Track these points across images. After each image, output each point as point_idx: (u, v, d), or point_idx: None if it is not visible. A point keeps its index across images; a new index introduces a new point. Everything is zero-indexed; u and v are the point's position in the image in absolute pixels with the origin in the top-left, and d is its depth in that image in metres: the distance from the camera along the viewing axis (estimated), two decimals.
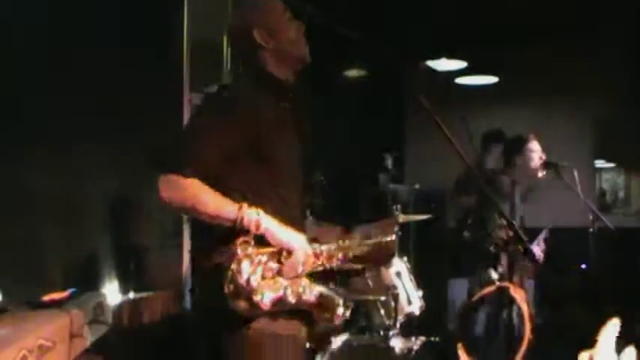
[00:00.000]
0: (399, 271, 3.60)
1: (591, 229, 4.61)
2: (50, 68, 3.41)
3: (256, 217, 2.04)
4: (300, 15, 2.39)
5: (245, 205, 2.05)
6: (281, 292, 2.02)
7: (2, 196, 3.23)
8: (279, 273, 2.05)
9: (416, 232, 5.60)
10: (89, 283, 3.52)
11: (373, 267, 3.57)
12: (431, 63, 6.48)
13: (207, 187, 2.05)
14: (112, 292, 3.64)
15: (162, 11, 4.16)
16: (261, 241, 2.05)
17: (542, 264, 4.46)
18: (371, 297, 3.47)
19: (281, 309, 2.03)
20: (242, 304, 1.97)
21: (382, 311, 3.46)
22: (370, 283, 3.53)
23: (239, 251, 1.99)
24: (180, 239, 4.25)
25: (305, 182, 2.33)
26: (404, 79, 6.72)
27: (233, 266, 1.97)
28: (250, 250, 2.01)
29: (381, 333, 3.45)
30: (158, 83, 4.05)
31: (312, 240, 2.22)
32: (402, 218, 3.80)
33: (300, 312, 2.11)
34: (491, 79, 6.93)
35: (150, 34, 3.96)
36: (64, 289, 3.00)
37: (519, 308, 3.76)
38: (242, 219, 2.02)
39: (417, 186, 5.92)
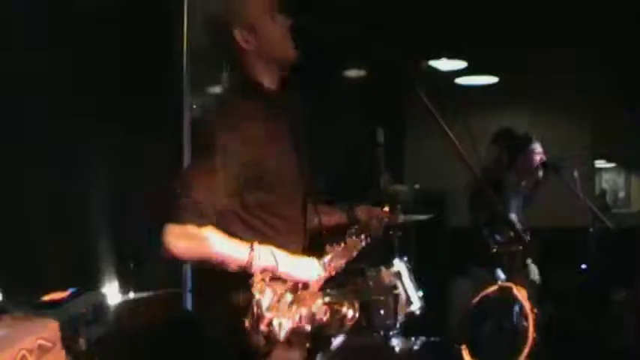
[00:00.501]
0: (399, 271, 3.60)
1: (591, 229, 4.61)
2: (50, 68, 3.41)
3: (269, 255, 2.02)
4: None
5: (256, 244, 2.01)
6: (297, 321, 2.02)
7: (2, 196, 3.23)
8: (296, 300, 2.04)
9: (416, 232, 5.59)
10: (89, 283, 3.51)
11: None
12: (431, 63, 6.49)
13: (218, 233, 2.00)
14: (112, 292, 3.64)
15: (162, 11, 4.16)
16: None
17: (542, 264, 4.46)
18: (371, 297, 3.47)
19: (297, 337, 2.04)
20: (260, 339, 1.96)
21: (382, 311, 3.46)
22: (370, 283, 3.53)
23: (255, 288, 1.96)
24: None
25: (305, 191, 2.29)
26: (404, 79, 6.72)
27: (252, 303, 1.94)
28: (266, 289, 1.99)
29: (381, 333, 3.45)
30: (158, 83, 4.05)
31: (319, 255, 2.21)
32: (402, 218, 3.80)
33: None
34: (491, 79, 6.93)
35: (150, 34, 3.95)
36: (64, 289, 2.99)
37: (522, 308, 3.76)
38: (253, 261, 1.99)
39: (417, 186, 5.91)
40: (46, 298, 2.86)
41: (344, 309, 2.13)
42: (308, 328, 2.05)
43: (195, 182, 2.01)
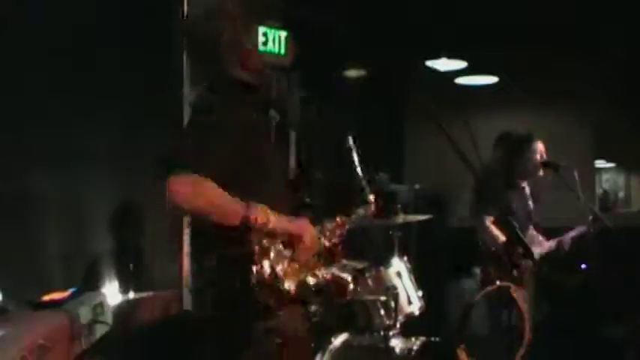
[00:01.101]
0: (399, 271, 3.60)
1: (591, 229, 4.61)
2: (50, 68, 3.41)
3: (265, 213, 2.09)
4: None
5: (252, 203, 2.09)
6: (302, 277, 2.10)
7: (2, 197, 3.24)
8: (295, 258, 2.10)
9: (416, 232, 5.60)
10: (89, 283, 3.52)
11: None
12: (431, 63, 6.49)
13: (217, 186, 2.06)
14: (112, 292, 3.64)
15: (163, 11, 4.16)
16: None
17: (543, 265, 4.47)
18: (371, 297, 3.46)
19: (303, 293, 2.10)
20: (268, 294, 2.03)
21: (382, 311, 3.46)
22: (370, 283, 3.52)
23: (256, 245, 2.03)
24: (180, 239, 4.25)
25: (290, 182, 2.36)
26: (404, 79, 6.73)
27: (256, 259, 2.02)
28: (265, 242, 2.06)
29: (381, 333, 3.44)
30: (158, 83, 4.05)
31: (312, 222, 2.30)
32: (402, 218, 3.80)
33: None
34: (491, 79, 6.93)
35: (150, 34, 3.96)
36: (64, 289, 2.99)
37: (519, 308, 3.77)
38: (251, 216, 2.06)
39: (417, 186, 5.92)
40: (46, 298, 2.87)
41: (345, 280, 2.21)
42: (312, 281, 2.10)
43: (196, 140, 2.12)
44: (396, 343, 3.42)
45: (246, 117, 2.21)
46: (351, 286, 2.26)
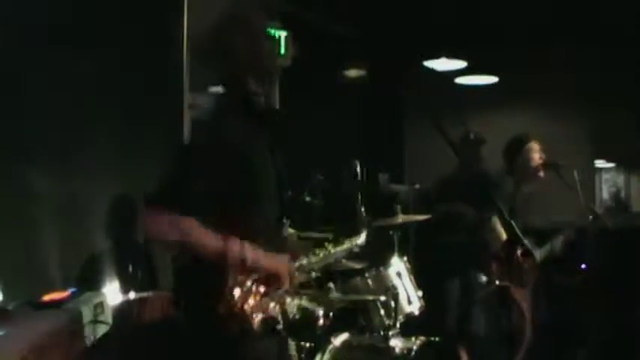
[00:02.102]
0: (399, 271, 3.60)
1: (591, 229, 4.61)
2: (50, 68, 3.41)
3: (243, 248, 2.08)
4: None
5: (231, 239, 2.08)
6: (269, 312, 2.11)
7: (2, 197, 3.24)
8: (268, 294, 2.10)
9: (416, 232, 5.60)
10: (89, 283, 3.52)
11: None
12: (431, 63, 6.49)
13: (197, 223, 2.06)
14: (112, 292, 3.64)
15: (163, 11, 4.16)
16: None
17: (543, 265, 4.46)
18: (371, 297, 3.46)
19: (269, 327, 2.11)
20: (234, 326, 2.04)
21: (382, 311, 3.46)
22: (370, 283, 3.52)
23: (230, 278, 2.05)
24: None
25: (280, 197, 2.35)
26: (404, 79, 6.73)
27: (226, 292, 2.03)
28: (240, 277, 2.07)
29: (381, 333, 3.44)
30: (158, 83, 4.05)
31: (292, 257, 2.29)
32: (402, 218, 3.80)
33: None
34: (491, 79, 6.93)
35: (150, 34, 3.96)
36: (64, 289, 3.00)
37: (519, 308, 3.77)
38: (228, 254, 2.06)
39: (417, 186, 5.92)
40: (46, 298, 2.87)
41: (315, 315, 2.20)
42: (279, 318, 2.12)
43: (175, 176, 2.11)
44: (396, 343, 3.42)
45: (245, 138, 2.19)
46: (321, 320, 2.25)
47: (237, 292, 2.05)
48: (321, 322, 2.22)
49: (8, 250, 3.19)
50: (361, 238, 2.62)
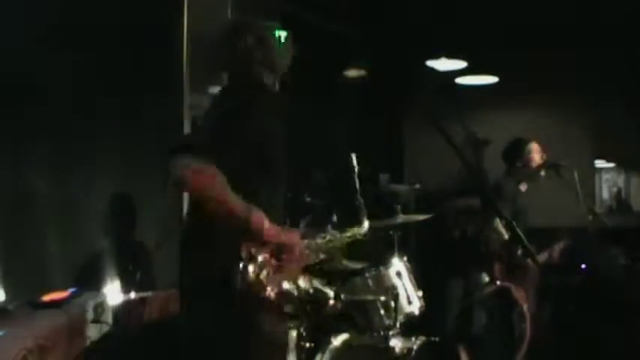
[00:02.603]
0: (399, 271, 3.59)
1: (591, 229, 4.61)
2: (50, 68, 3.41)
3: (262, 219, 2.13)
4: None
5: (253, 207, 2.13)
6: (284, 286, 2.14)
7: (2, 197, 3.24)
8: (281, 269, 2.12)
9: (416, 232, 5.60)
10: (89, 283, 3.51)
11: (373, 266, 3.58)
12: (431, 63, 6.49)
13: (225, 182, 2.09)
14: (112, 292, 3.64)
15: (163, 11, 4.16)
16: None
17: (544, 265, 4.47)
18: (371, 297, 3.46)
19: (285, 301, 2.15)
20: (252, 301, 2.07)
21: (382, 311, 3.45)
22: (370, 283, 3.52)
23: (244, 253, 2.07)
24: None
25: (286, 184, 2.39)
26: (404, 79, 6.73)
27: (242, 265, 2.04)
28: (254, 250, 2.09)
29: (381, 333, 3.44)
30: (158, 83, 4.05)
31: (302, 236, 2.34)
32: (401, 218, 3.80)
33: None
34: (491, 79, 6.92)
35: (150, 33, 3.96)
36: (64, 289, 3.00)
37: (520, 308, 3.77)
38: (251, 220, 2.10)
39: (417, 186, 5.92)
40: (46, 298, 2.87)
41: (327, 295, 2.23)
42: (294, 292, 2.14)
43: (206, 133, 2.22)
44: (396, 343, 3.42)
45: (267, 122, 2.27)
46: (332, 301, 2.28)
47: (251, 267, 2.06)
48: (331, 302, 2.25)
49: (8, 250, 3.19)
50: (364, 227, 2.65)
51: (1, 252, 3.17)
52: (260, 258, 2.09)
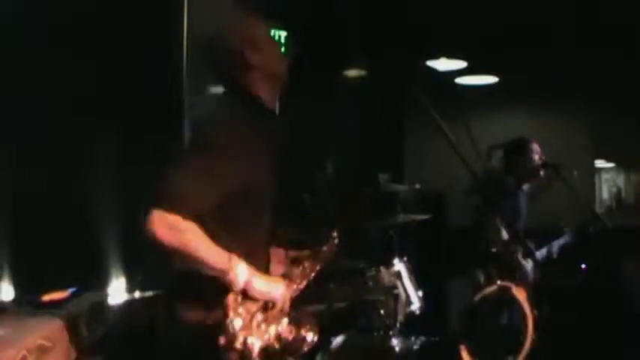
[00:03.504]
0: (399, 271, 3.60)
1: (591, 229, 4.61)
2: (50, 68, 3.41)
3: (244, 273, 2.08)
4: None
5: (235, 258, 2.07)
6: (266, 339, 2.11)
7: (2, 196, 3.23)
8: (266, 321, 2.10)
9: (416, 232, 5.60)
10: (89, 283, 3.51)
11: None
12: (431, 63, 6.48)
13: (202, 232, 2.04)
14: (112, 292, 3.64)
15: (163, 11, 4.16)
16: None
17: (544, 265, 4.46)
18: (371, 297, 3.47)
19: (266, 355, 2.11)
20: (234, 356, 2.03)
21: (382, 311, 3.46)
22: (370, 283, 3.53)
23: (230, 308, 2.04)
24: None
25: (277, 205, 2.35)
26: (404, 79, 6.72)
27: (227, 322, 2.02)
28: (241, 309, 2.07)
29: (381, 333, 3.45)
30: (158, 83, 4.04)
31: (284, 276, 2.31)
32: (402, 218, 3.81)
33: None
34: (491, 79, 6.92)
35: (150, 33, 3.95)
36: (64, 289, 2.99)
37: (521, 308, 3.77)
38: (230, 272, 2.05)
39: (417, 186, 5.92)
40: (46, 298, 2.87)
41: (303, 332, 2.20)
42: (277, 345, 2.14)
43: (185, 179, 2.07)
44: (396, 343, 3.43)
45: (250, 144, 2.18)
46: (310, 336, 2.24)
47: (237, 321, 2.03)
48: (309, 339, 2.22)
49: (8, 250, 3.18)
50: (332, 242, 2.56)
51: (1, 251, 3.17)
52: (245, 313, 2.07)
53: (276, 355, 2.16)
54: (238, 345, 2.02)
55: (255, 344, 2.06)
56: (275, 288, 2.20)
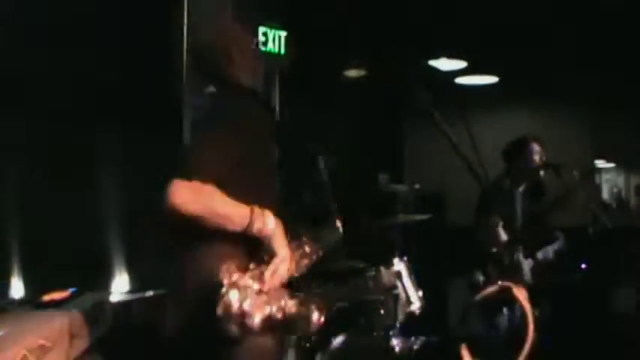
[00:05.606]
0: (399, 271, 3.60)
1: (591, 229, 4.62)
2: (49, 67, 3.41)
3: (272, 219, 2.13)
4: None
5: (257, 210, 2.11)
6: (267, 310, 2.08)
7: (2, 196, 3.24)
8: (264, 293, 2.09)
9: (416, 232, 5.60)
10: (89, 283, 3.52)
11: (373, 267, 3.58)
12: (431, 63, 6.49)
13: (218, 192, 2.09)
14: (112, 292, 3.64)
15: (162, 12, 4.16)
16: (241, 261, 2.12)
17: (544, 265, 4.47)
18: (371, 297, 3.47)
19: (269, 326, 2.09)
20: (233, 328, 2.03)
21: (382, 311, 3.46)
22: (370, 283, 3.52)
23: (225, 279, 2.03)
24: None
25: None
26: (404, 79, 6.72)
27: (223, 293, 2.01)
28: (235, 276, 2.05)
29: (381, 333, 3.45)
30: (158, 83, 4.04)
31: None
32: (401, 218, 3.81)
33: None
34: (491, 79, 6.93)
35: (150, 34, 3.95)
36: (64, 289, 3.00)
37: (522, 308, 3.76)
38: (260, 218, 2.11)
39: (417, 186, 5.92)
40: (46, 298, 2.87)
41: (308, 309, 2.19)
42: (279, 315, 2.11)
43: (200, 150, 2.17)
44: (396, 343, 3.43)
45: (255, 120, 2.26)
46: (316, 315, 2.23)
47: (233, 293, 2.04)
48: (315, 316, 2.20)
49: (8, 250, 3.18)
50: (339, 232, 2.58)
51: (1, 251, 3.17)
52: (242, 283, 2.06)
53: (280, 330, 2.16)
54: (235, 311, 2.01)
55: (256, 315, 2.05)
56: (285, 247, 2.21)
